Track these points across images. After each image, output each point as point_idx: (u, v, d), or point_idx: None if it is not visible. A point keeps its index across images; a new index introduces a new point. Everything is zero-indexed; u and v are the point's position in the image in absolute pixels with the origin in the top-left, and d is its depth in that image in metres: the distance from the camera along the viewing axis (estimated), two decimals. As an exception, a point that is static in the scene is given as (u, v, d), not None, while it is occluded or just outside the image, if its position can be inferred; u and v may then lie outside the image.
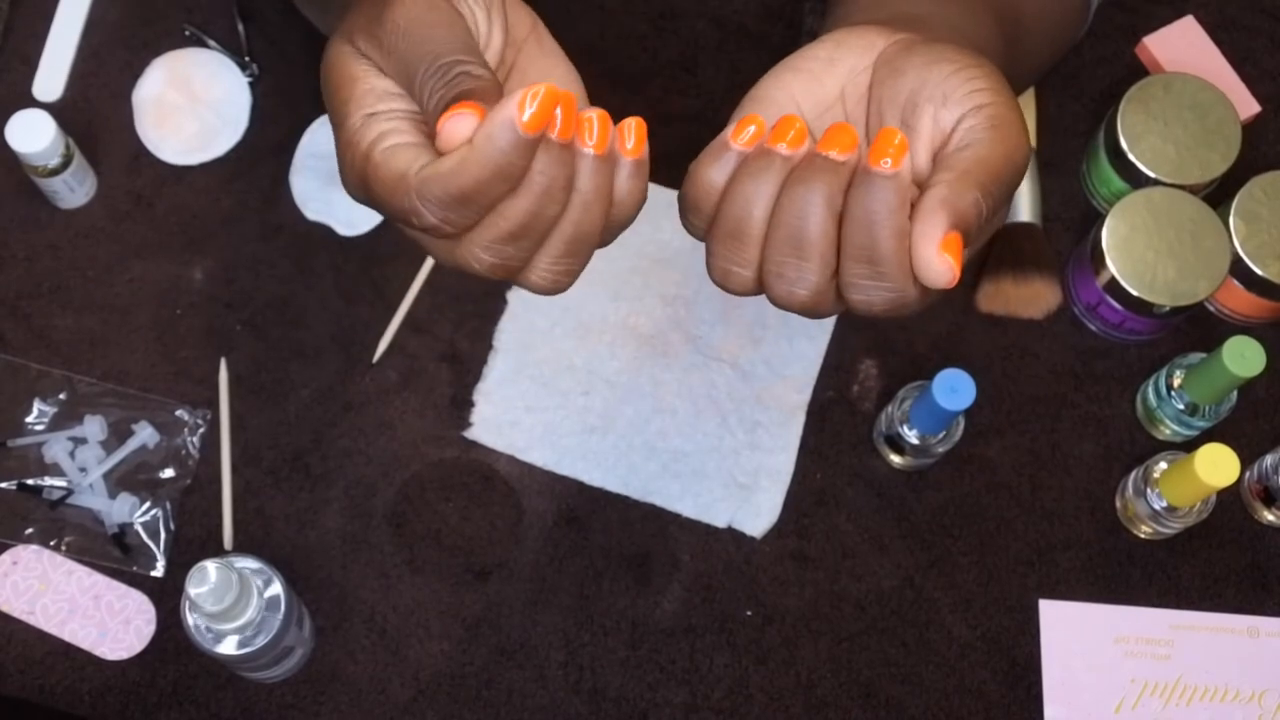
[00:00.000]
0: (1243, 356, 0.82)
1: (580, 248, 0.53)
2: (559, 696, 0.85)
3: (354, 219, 0.91)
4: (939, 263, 0.51)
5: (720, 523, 0.88)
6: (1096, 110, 0.96)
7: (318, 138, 0.92)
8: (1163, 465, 0.86)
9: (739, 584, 0.87)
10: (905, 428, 0.85)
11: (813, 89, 0.58)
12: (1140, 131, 0.90)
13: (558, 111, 0.50)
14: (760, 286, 0.54)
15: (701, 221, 0.55)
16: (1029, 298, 0.91)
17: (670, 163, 0.65)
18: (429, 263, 0.91)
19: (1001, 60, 0.61)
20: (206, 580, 0.70)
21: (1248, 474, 0.89)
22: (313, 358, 0.90)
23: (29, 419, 0.87)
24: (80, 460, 0.87)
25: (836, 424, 0.90)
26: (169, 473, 0.87)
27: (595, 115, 0.51)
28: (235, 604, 0.71)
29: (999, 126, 0.53)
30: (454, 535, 0.87)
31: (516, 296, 0.91)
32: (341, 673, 0.85)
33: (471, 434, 0.89)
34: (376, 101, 0.53)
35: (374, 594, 0.86)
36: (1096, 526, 0.89)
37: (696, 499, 0.88)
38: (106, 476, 0.86)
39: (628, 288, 0.91)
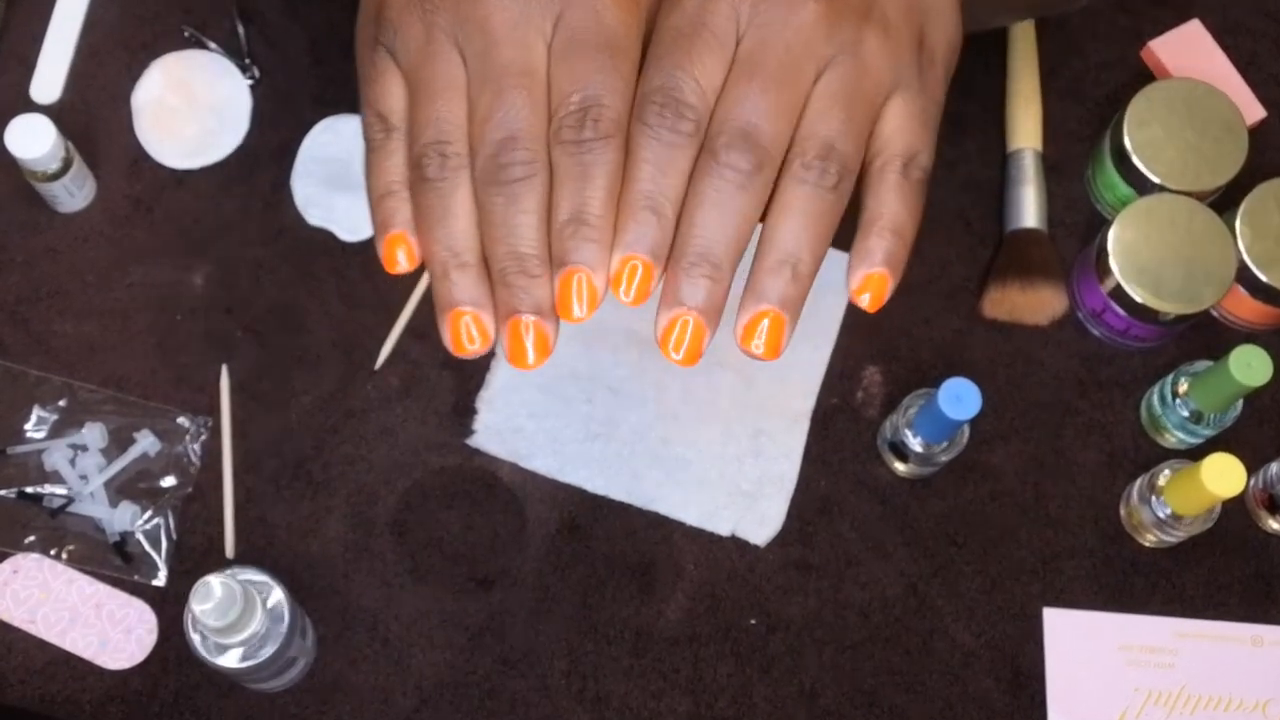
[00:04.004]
0: (1249, 366, 0.81)
1: None
2: (562, 705, 0.84)
3: (356, 224, 0.90)
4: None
5: (724, 531, 0.88)
6: (1101, 115, 0.96)
7: (319, 141, 0.92)
8: (1167, 473, 0.85)
9: (742, 592, 0.87)
10: (910, 435, 0.85)
11: None
12: (1145, 137, 0.89)
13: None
14: None
15: None
16: (1036, 304, 0.90)
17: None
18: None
19: None
20: (211, 596, 0.69)
21: (1253, 482, 0.89)
22: (314, 364, 0.89)
23: (28, 426, 0.87)
24: (80, 468, 0.86)
25: (840, 431, 0.90)
26: (170, 481, 0.86)
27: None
28: (239, 618, 0.71)
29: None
30: (456, 543, 0.87)
31: (519, 302, 0.90)
32: (344, 682, 0.84)
33: (474, 441, 0.88)
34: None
35: (376, 603, 0.85)
36: (1101, 534, 0.89)
37: (700, 507, 0.88)
38: (107, 484, 0.86)
39: (631, 293, 0.90)
